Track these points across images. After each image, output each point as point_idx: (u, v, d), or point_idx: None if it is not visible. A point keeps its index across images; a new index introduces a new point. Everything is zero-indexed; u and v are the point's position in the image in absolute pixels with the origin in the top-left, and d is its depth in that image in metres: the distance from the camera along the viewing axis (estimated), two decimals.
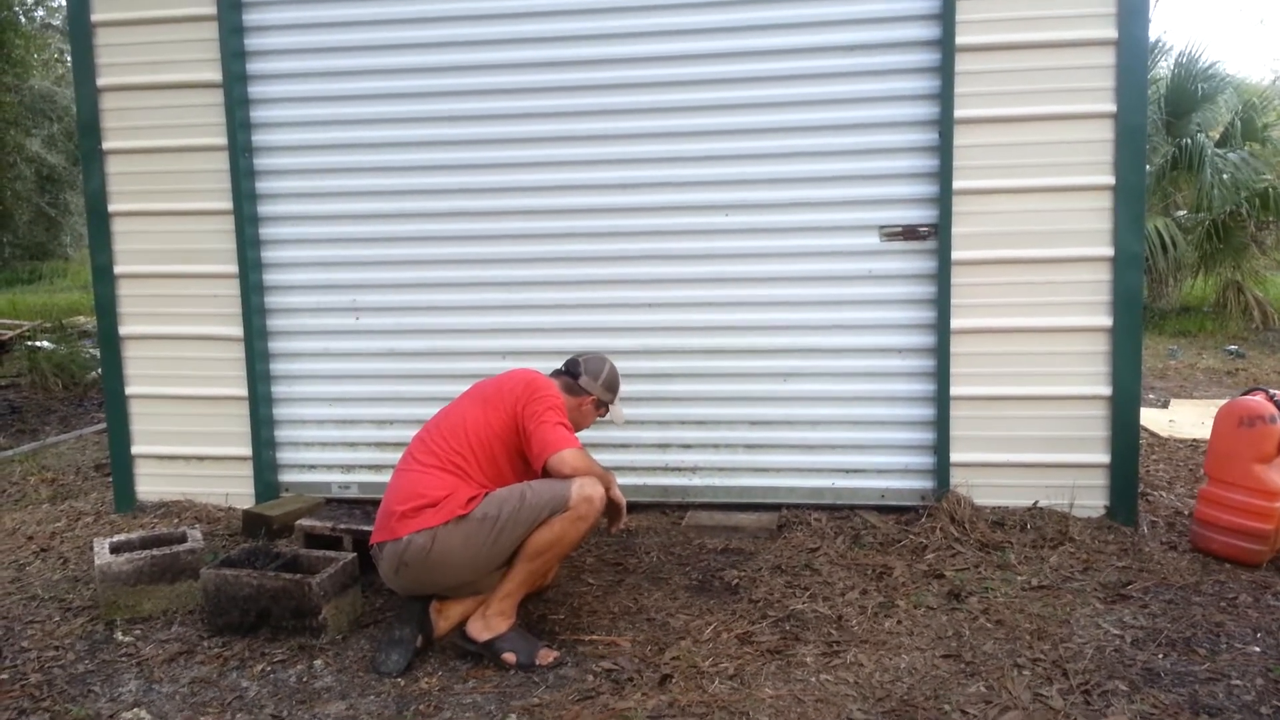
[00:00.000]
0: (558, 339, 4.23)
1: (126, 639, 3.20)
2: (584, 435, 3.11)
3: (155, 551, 3.41)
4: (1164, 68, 11.70)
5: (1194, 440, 5.49)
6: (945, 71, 3.93)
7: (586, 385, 3.29)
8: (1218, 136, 11.54)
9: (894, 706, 2.63)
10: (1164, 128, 11.29)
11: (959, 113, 3.94)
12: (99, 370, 7.09)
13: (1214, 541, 3.62)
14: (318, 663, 3.00)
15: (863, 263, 4.15)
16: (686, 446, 4.35)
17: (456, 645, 3.01)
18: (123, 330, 4.51)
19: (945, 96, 3.94)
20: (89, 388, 8.17)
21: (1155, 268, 10.73)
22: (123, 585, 3.33)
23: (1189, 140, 10.91)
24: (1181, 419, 6.09)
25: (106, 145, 4.41)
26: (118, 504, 4.56)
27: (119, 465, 4.56)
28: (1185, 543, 3.78)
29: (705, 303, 4.26)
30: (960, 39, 3.90)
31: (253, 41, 4.35)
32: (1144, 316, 4.26)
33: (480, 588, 3.00)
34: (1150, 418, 6.01)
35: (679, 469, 4.36)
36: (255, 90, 4.37)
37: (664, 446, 4.36)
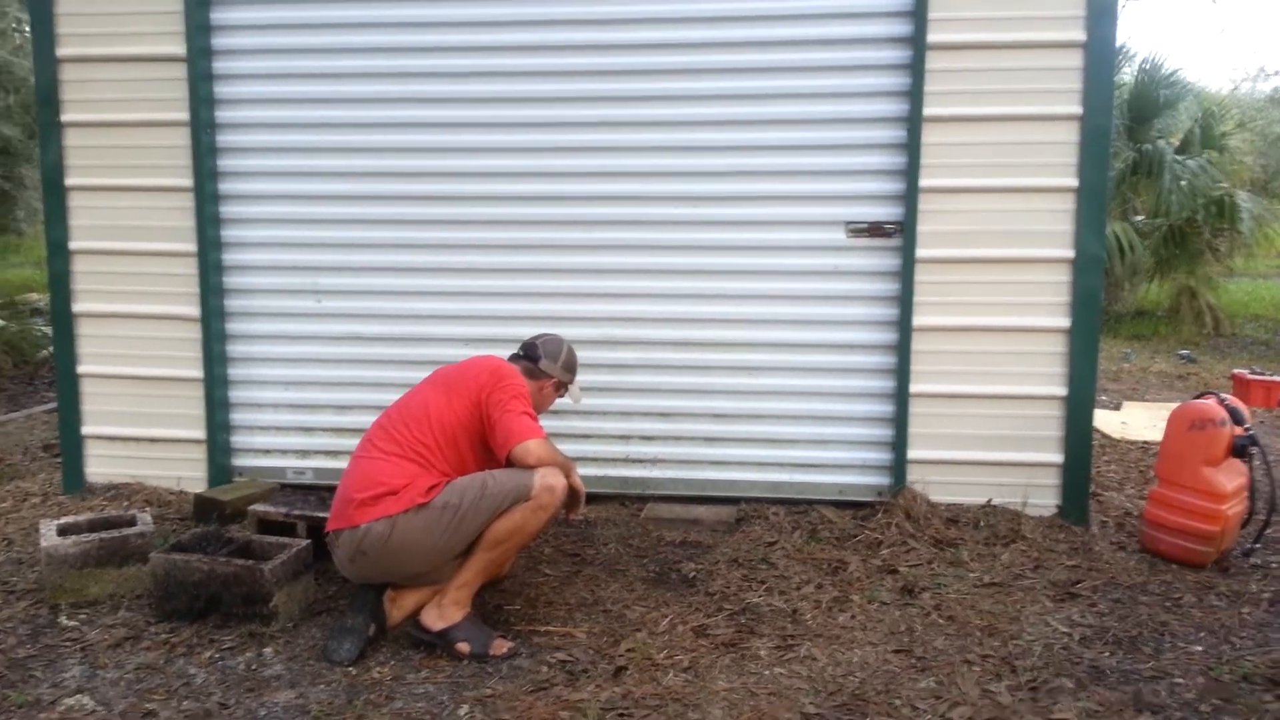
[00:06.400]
0: (520, 327, 4.17)
1: (71, 623, 3.14)
2: (544, 425, 3.09)
3: (104, 534, 3.35)
4: (1127, 73, 11.82)
5: (1145, 442, 5.58)
6: (916, 69, 3.94)
7: (547, 368, 3.28)
8: (1177, 143, 11.68)
9: (846, 700, 2.65)
10: (1126, 133, 11.42)
11: (928, 110, 3.95)
12: (50, 348, 6.95)
13: (1162, 542, 3.69)
14: (268, 650, 2.96)
15: (828, 258, 4.16)
16: (647, 438, 4.34)
17: (410, 635, 2.99)
18: (76, 307, 4.41)
19: (915, 94, 3.95)
20: (39, 366, 8.00)
21: (1112, 271, 10.86)
22: (69, 568, 3.27)
23: (1150, 146, 11.05)
24: (1133, 421, 6.19)
25: (65, 118, 4.31)
26: (66, 485, 4.47)
27: (68, 446, 4.47)
28: (1134, 543, 3.84)
29: (669, 294, 4.25)
30: (931, 36, 3.91)
31: (219, 15, 4.26)
32: (1100, 319, 4.31)
33: (436, 577, 2.98)
34: (1103, 419, 6.10)
35: (639, 460, 4.35)
36: (220, 66, 4.29)
37: (625, 438, 4.35)
